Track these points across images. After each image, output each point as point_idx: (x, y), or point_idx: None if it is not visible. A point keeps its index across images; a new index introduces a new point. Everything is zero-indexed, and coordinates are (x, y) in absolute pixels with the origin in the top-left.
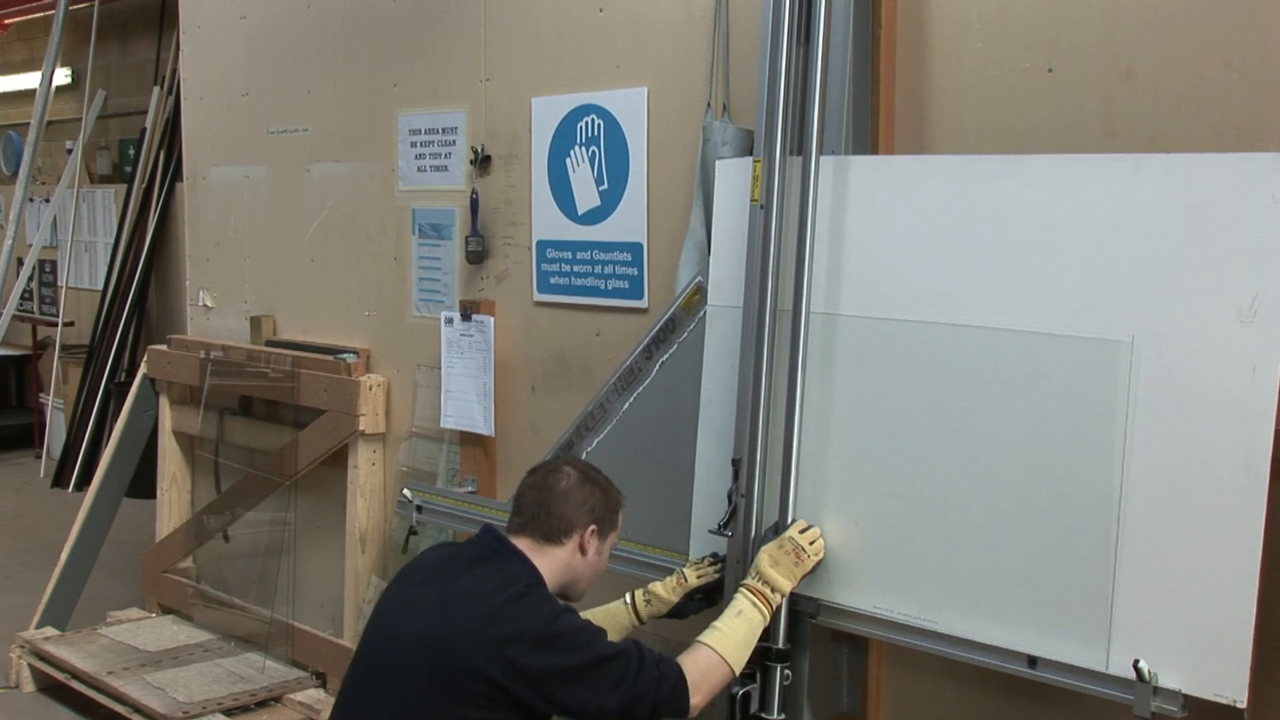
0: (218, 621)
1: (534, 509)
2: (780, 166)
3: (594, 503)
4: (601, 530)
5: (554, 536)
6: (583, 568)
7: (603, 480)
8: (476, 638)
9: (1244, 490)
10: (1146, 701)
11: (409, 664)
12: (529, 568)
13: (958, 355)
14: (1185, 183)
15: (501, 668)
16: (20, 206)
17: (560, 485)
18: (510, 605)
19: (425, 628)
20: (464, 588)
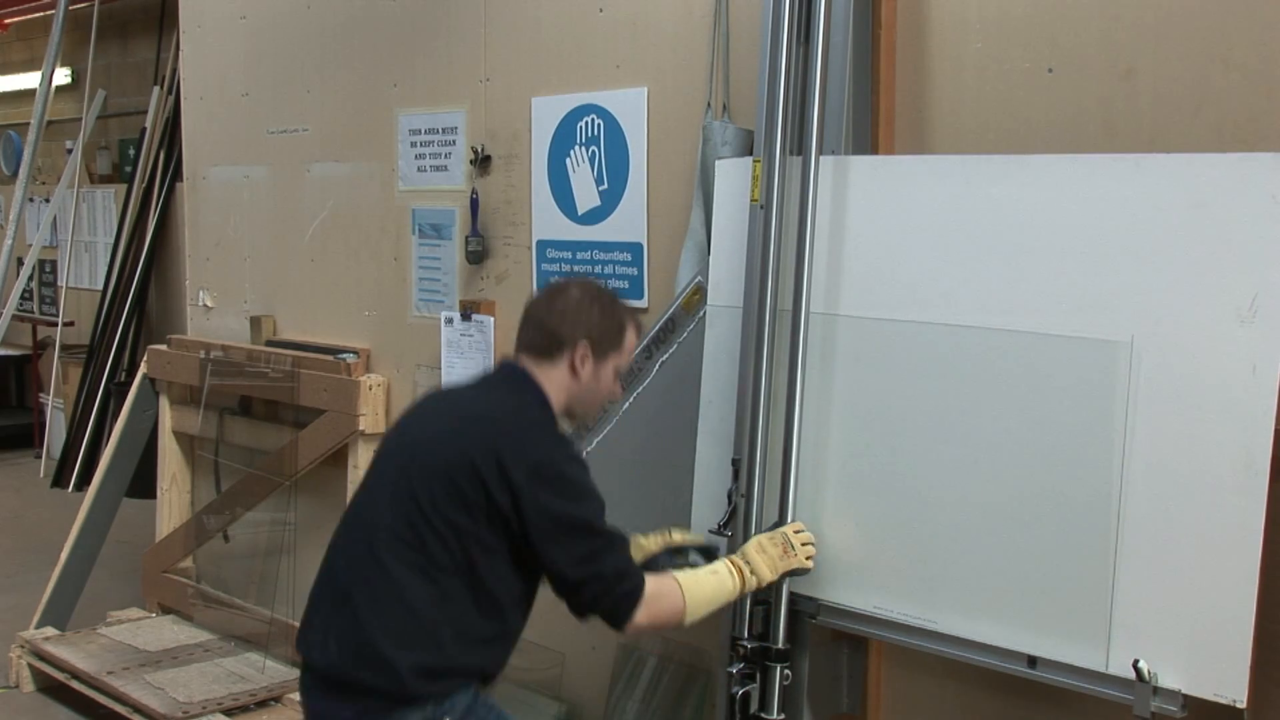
0: (218, 621)
1: (530, 325)
2: (780, 166)
3: (590, 323)
4: (596, 351)
5: (548, 353)
6: (578, 390)
7: (606, 300)
8: (485, 446)
9: (1244, 490)
10: (1146, 701)
11: (416, 468)
12: (539, 395)
13: (957, 355)
14: (1185, 183)
15: (498, 478)
16: (20, 206)
17: (558, 303)
18: (526, 430)
19: (437, 435)
20: (481, 406)
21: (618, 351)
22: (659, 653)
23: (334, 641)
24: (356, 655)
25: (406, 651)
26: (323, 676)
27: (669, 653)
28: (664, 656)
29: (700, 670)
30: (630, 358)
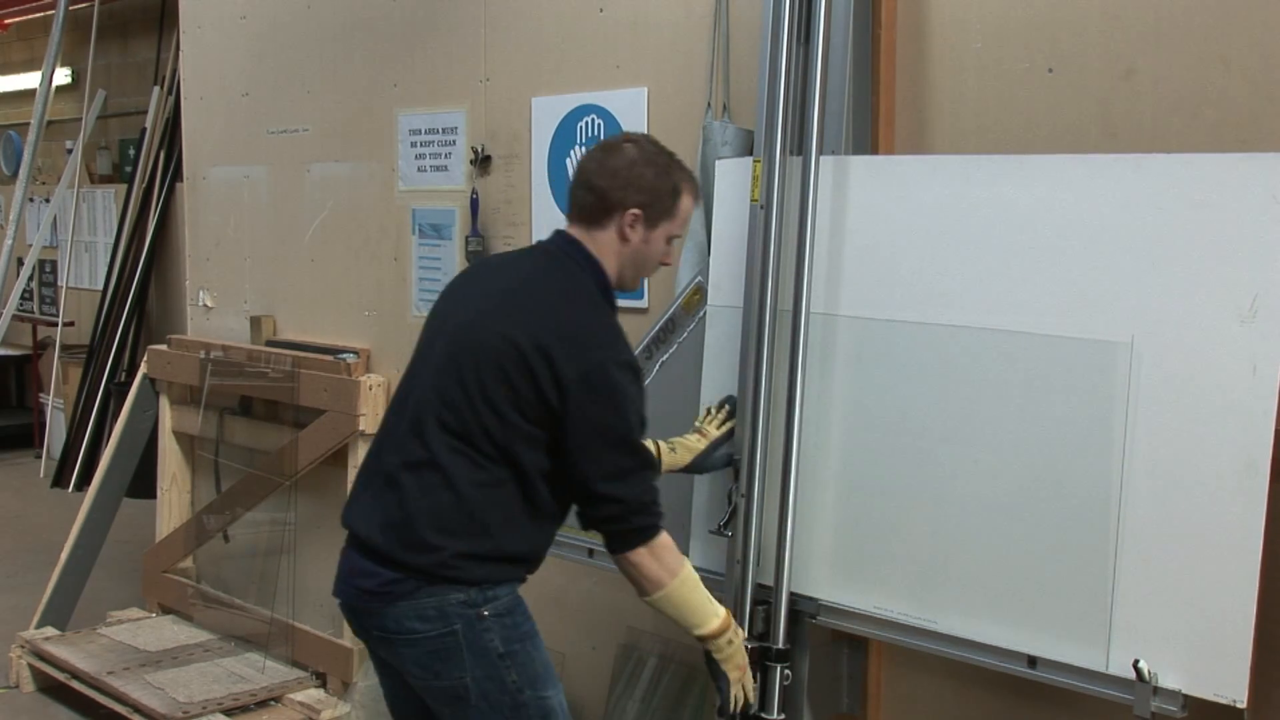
0: (218, 621)
1: (583, 184)
2: (780, 166)
3: (641, 184)
4: (648, 217)
5: (596, 218)
6: (628, 255)
7: (662, 161)
8: (537, 339)
9: (1244, 491)
10: (1146, 701)
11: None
12: (596, 272)
13: (957, 355)
14: (1185, 183)
15: (549, 376)
16: (20, 206)
17: (610, 162)
18: (581, 326)
19: (486, 317)
20: (534, 288)
21: (671, 218)
22: (659, 653)
23: (380, 523)
24: (403, 539)
25: (454, 538)
26: (368, 547)
27: (669, 653)
28: (664, 656)
29: (700, 670)
30: (686, 225)
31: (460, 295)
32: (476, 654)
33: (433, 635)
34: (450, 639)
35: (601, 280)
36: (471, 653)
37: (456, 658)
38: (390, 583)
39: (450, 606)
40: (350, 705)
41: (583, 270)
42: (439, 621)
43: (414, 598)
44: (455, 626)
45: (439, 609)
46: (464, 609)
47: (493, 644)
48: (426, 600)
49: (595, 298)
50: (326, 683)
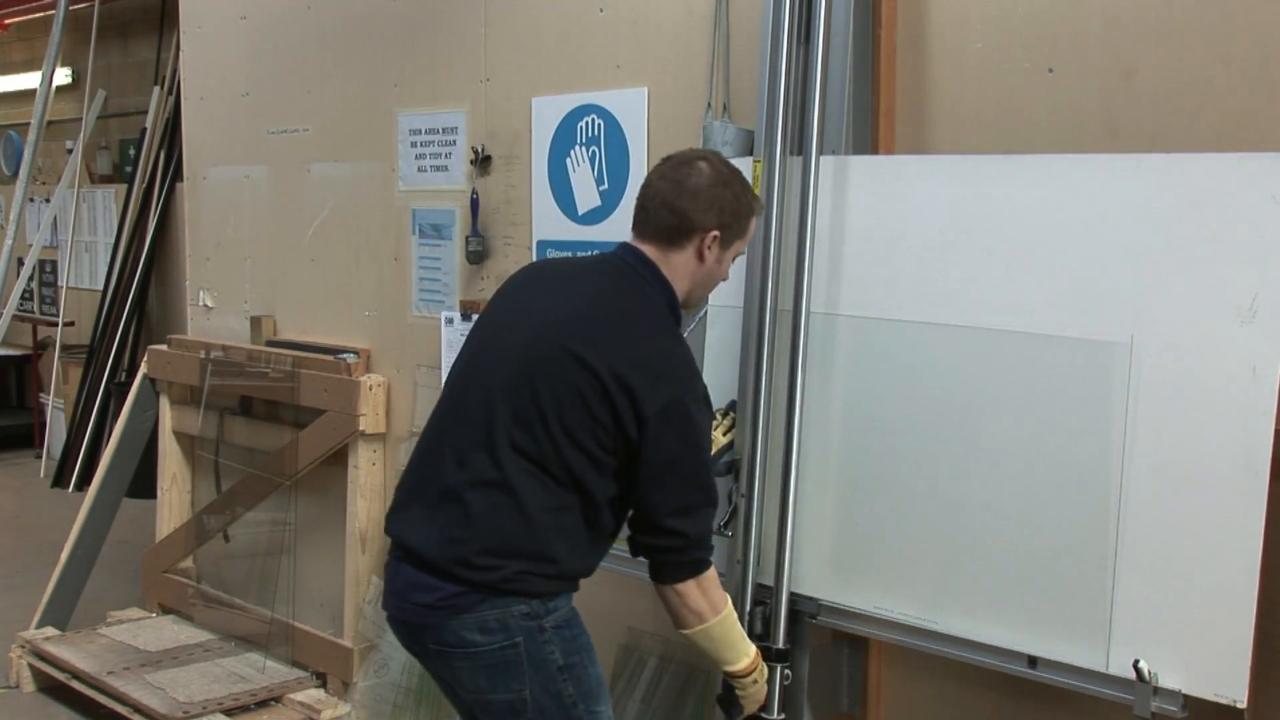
0: (218, 621)
1: (658, 204)
2: (780, 166)
3: (722, 205)
4: (725, 238)
5: (675, 239)
6: (701, 275)
7: (738, 182)
8: (617, 369)
9: (1244, 490)
10: (1146, 701)
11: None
12: (669, 295)
13: (958, 355)
14: (1185, 183)
15: (629, 408)
16: (20, 206)
17: (689, 183)
18: (662, 357)
19: (561, 334)
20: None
21: (742, 239)
22: (659, 653)
23: (439, 539)
24: (465, 557)
25: (518, 559)
26: (420, 558)
27: (669, 653)
28: (664, 657)
29: (700, 670)
30: (748, 243)
31: (524, 305)
32: (537, 666)
33: (493, 648)
34: (511, 651)
35: (673, 302)
36: (532, 665)
37: (516, 670)
38: (452, 596)
39: (513, 619)
40: (350, 705)
41: (656, 292)
42: (501, 634)
43: (476, 610)
44: (518, 639)
45: (501, 621)
46: (527, 621)
47: (553, 656)
48: (489, 612)
49: (670, 324)
50: (326, 683)
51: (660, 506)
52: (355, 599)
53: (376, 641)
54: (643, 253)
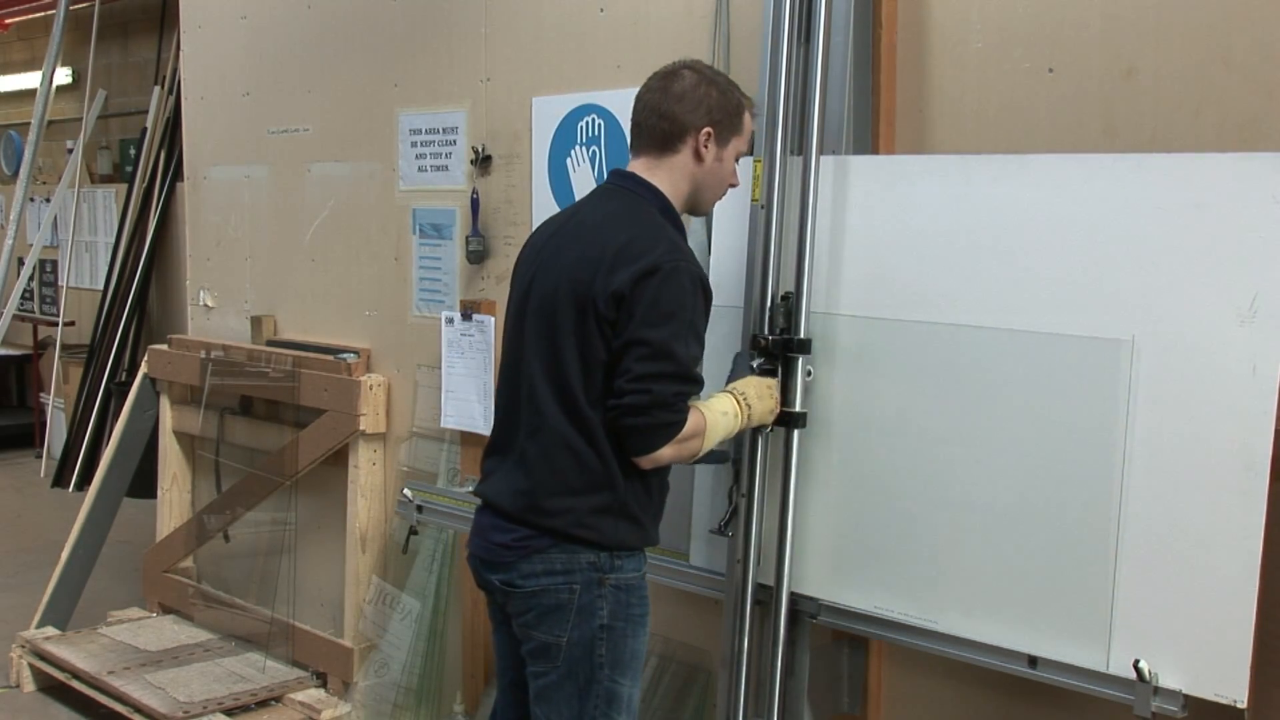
0: (218, 621)
1: (648, 113)
2: (781, 166)
3: (710, 104)
4: (719, 134)
5: (669, 143)
6: (702, 175)
7: (723, 81)
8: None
9: (1244, 490)
10: (1147, 701)
11: (551, 311)
12: (659, 199)
13: (958, 355)
14: (1186, 183)
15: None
16: (21, 206)
17: (675, 87)
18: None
19: (563, 272)
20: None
21: (739, 135)
22: (659, 653)
23: (511, 491)
24: (534, 505)
25: (580, 496)
26: (501, 511)
27: (669, 653)
28: (664, 656)
29: (700, 670)
30: (748, 142)
31: (535, 259)
32: (583, 616)
33: (552, 588)
34: (566, 594)
35: (664, 206)
36: (579, 614)
37: (564, 615)
38: (525, 538)
39: (577, 565)
40: (350, 705)
41: (641, 197)
42: (563, 575)
43: (547, 552)
44: (576, 585)
45: (566, 565)
46: (591, 571)
47: (601, 612)
48: (557, 555)
49: (660, 221)
50: (327, 682)
51: (628, 371)
52: (355, 599)
53: (377, 641)
54: (626, 170)
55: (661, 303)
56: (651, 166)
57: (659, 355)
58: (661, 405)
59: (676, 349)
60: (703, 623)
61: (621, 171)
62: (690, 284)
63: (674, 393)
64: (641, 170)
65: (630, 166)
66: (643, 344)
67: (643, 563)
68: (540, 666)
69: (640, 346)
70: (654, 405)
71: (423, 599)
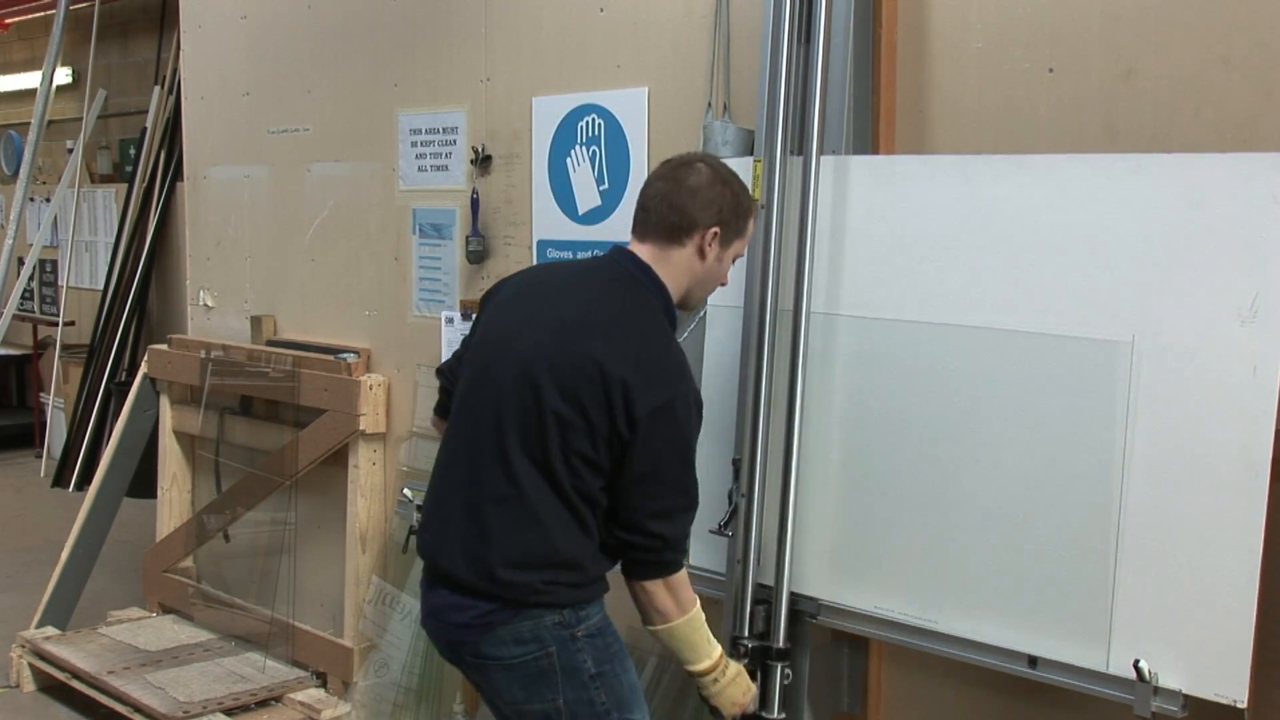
0: (218, 621)
1: (659, 203)
2: (781, 167)
3: (722, 204)
4: (724, 235)
5: (676, 235)
6: (701, 273)
7: (736, 183)
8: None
9: (1245, 490)
10: (1147, 701)
11: (544, 379)
12: (663, 296)
13: (958, 355)
14: (1186, 183)
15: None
16: (21, 206)
17: (689, 181)
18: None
19: (563, 343)
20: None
21: (741, 238)
22: (659, 653)
23: (465, 557)
24: (491, 574)
25: (545, 570)
26: (452, 580)
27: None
28: (664, 656)
29: None
30: (746, 245)
31: (523, 315)
32: (569, 675)
33: (528, 658)
34: (545, 660)
35: (668, 307)
36: (565, 674)
37: (550, 680)
38: (486, 614)
39: (545, 629)
40: (350, 705)
41: (652, 296)
42: (534, 644)
43: (510, 624)
44: (551, 648)
45: (534, 631)
46: (559, 630)
47: (585, 664)
48: (522, 625)
49: (665, 328)
50: (327, 682)
51: (643, 508)
52: (355, 599)
53: (377, 641)
54: (637, 256)
55: (676, 438)
56: (658, 258)
57: (677, 490)
58: (673, 547)
59: (688, 482)
60: None
61: (635, 258)
62: (697, 410)
63: (681, 534)
64: (649, 259)
65: (635, 249)
66: (661, 478)
67: (602, 603)
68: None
69: (658, 483)
70: (666, 548)
71: None
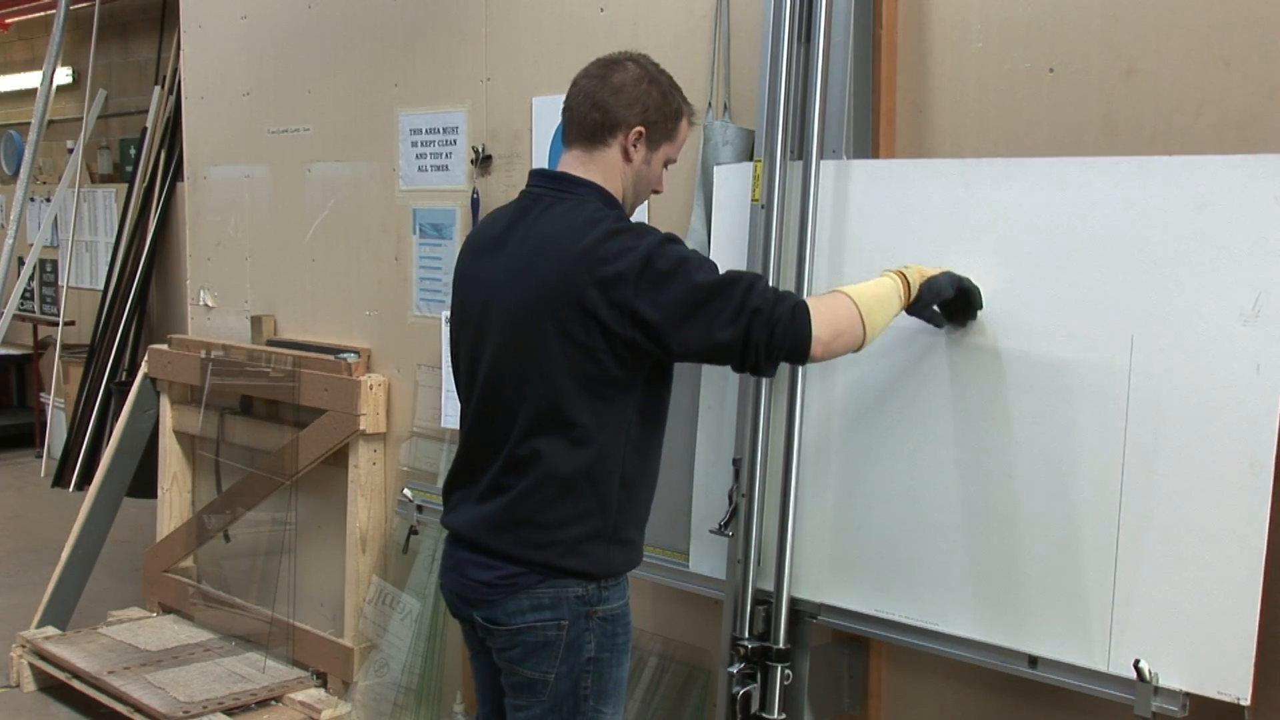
0: (218, 621)
1: (581, 100)
2: (781, 170)
3: (648, 103)
4: (650, 135)
5: (600, 135)
6: (630, 176)
7: (665, 81)
8: (582, 282)
9: (1248, 489)
10: (1147, 701)
11: (520, 335)
12: (597, 190)
13: (958, 357)
14: (1187, 184)
15: (609, 308)
16: (21, 206)
17: (614, 78)
18: (603, 244)
19: (527, 290)
20: (545, 236)
21: (671, 141)
22: (659, 653)
23: (490, 524)
24: (521, 539)
25: (574, 526)
26: (476, 544)
27: (669, 653)
28: (664, 656)
29: (700, 670)
30: (679, 150)
31: (481, 278)
32: (570, 651)
33: (539, 625)
34: (554, 630)
35: (606, 197)
36: (567, 649)
37: (552, 651)
38: (511, 575)
39: (565, 599)
40: (351, 705)
41: (583, 194)
42: (550, 611)
43: (534, 589)
44: (564, 619)
45: (554, 599)
46: (578, 604)
47: (588, 646)
48: (545, 590)
49: (602, 211)
50: (327, 682)
51: (718, 332)
52: (355, 599)
53: (377, 641)
54: (553, 171)
55: (672, 276)
56: (584, 161)
57: (714, 296)
58: (773, 304)
59: (712, 280)
60: (703, 623)
61: (547, 173)
62: (669, 243)
63: (762, 294)
64: (574, 164)
65: (563, 157)
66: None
67: (627, 589)
68: (523, 700)
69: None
70: (767, 312)
71: (423, 599)
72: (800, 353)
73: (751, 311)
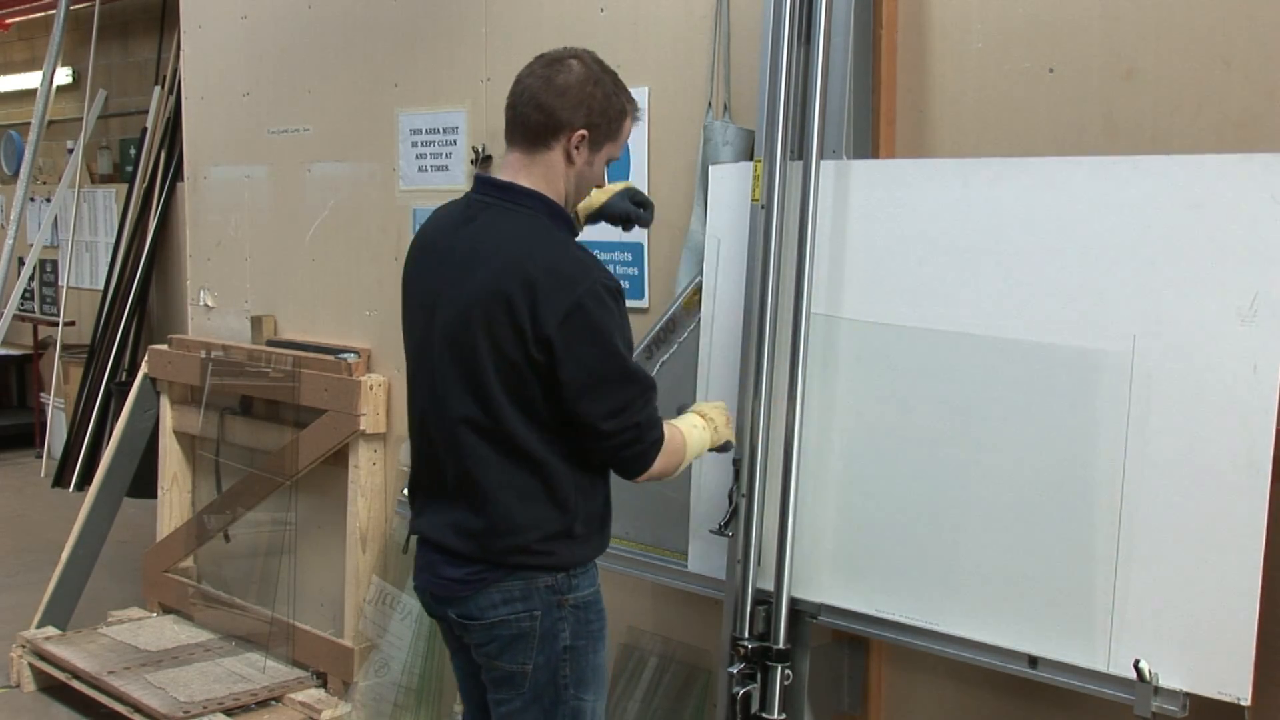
0: (218, 621)
1: (525, 102)
2: (781, 170)
3: (592, 105)
4: (594, 138)
5: (542, 138)
6: (572, 178)
7: (609, 81)
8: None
9: (1246, 489)
10: (1147, 701)
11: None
12: (543, 202)
13: (958, 357)
14: (1185, 183)
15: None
16: (21, 206)
17: (559, 79)
18: (548, 268)
19: (471, 297)
20: (489, 247)
21: (614, 141)
22: (659, 653)
23: (456, 531)
24: (484, 543)
25: (533, 529)
26: (444, 548)
27: (669, 653)
28: (664, 656)
29: (700, 670)
30: (622, 148)
31: (425, 288)
32: (546, 641)
33: (512, 618)
34: (527, 621)
35: (552, 209)
36: (542, 640)
37: (527, 643)
38: (479, 572)
39: (536, 590)
40: (351, 705)
41: (528, 205)
42: (522, 603)
43: (503, 583)
44: (537, 611)
45: (525, 591)
46: (549, 594)
47: (562, 634)
48: (514, 583)
49: (549, 230)
50: (327, 682)
51: (597, 415)
52: (355, 599)
53: (377, 641)
54: (496, 179)
55: (598, 335)
56: (527, 165)
57: (622, 382)
58: (649, 427)
59: (630, 367)
60: (703, 623)
61: (494, 182)
62: (610, 299)
63: (650, 413)
64: (518, 168)
65: (506, 159)
66: (600, 381)
67: (596, 577)
68: (504, 694)
69: (599, 386)
70: (643, 432)
71: None
72: (630, 475)
73: (634, 425)
